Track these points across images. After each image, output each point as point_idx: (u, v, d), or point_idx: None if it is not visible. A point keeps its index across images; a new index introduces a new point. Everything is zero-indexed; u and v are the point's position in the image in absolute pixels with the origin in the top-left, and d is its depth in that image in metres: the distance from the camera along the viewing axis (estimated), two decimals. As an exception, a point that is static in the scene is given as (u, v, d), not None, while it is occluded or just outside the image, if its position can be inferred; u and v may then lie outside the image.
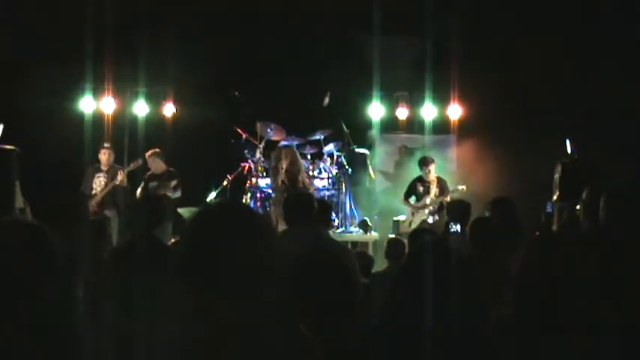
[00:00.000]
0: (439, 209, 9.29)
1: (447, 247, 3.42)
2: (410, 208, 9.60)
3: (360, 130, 10.86)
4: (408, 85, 10.94)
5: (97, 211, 9.08)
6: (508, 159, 10.03)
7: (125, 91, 11.18)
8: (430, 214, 9.40)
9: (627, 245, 3.47)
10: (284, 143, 10.15)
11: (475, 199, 8.36)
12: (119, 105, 11.11)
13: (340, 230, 9.89)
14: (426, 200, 9.43)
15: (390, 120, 11.32)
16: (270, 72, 10.73)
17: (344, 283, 2.69)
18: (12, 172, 7.94)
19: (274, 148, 10.21)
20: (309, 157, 10.33)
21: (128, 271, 4.07)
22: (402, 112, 11.27)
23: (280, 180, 9.18)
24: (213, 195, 9.99)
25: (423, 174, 9.51)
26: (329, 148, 10.30)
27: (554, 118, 9.63)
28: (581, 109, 9.69)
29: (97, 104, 10.96)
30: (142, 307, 3.30)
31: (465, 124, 10.99)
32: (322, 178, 10.16)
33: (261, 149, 10.22)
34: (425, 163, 9.50)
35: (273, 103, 10.52)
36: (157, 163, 9.60)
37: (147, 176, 9.60)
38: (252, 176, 10.10)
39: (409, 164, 10.61)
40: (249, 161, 10.19)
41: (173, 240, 6.90)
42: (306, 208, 5.01)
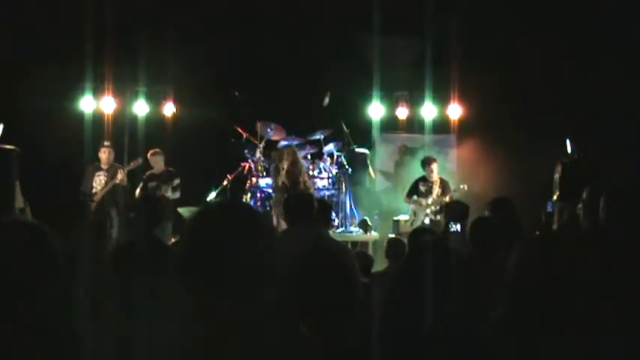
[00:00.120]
0: (440, 210, 9.29)
1: (447, 247, 3.42)
2: (412, 205, 9.59)
3: (360, 130, 10.86)
4: (408, 84, 10.94)
5: (97, 209, 9.09)
6: (508, 159, 10.03)
7: (125, 90, 11.19)
8: (432, 214, 9.39)
9: (627, 245, 3.47)
10: (284, 143, 10.15)
11: (475, 199, 8.36)
12: (119, 105, 11.12)
13: (340, 230, 9.88)
14: (428, 200, 9.43)
15: (390, 120, 11.32)
16: (270, 72, 10.73)
17: (344, 283, 2.69)
18: (12, 172, 7.95)
19: (274, 147, 10.22)
20: (309, 157, 10.33)
21: (128, 271, 4.07)
22: (402, 112, 11.28)
23: (281, 180, 9.18)
24: (213, 195, 9.99)
25: (426, 174, 9.52)
26: (329, 148, 10.30)
27: (554, 118, 9.63)
28: (581, 109, 9.69)
29: (97, 104, 10.96)
30: (142, 307, 3.30)
31: (465, 123, 10.99)
32: (322, 178, 10.16)
33: (261, 149, 10.22)
34: (427, 162, 9.51)
35: (273, 103, 10.52)
36: (159, 163, 9.63)
37: (146, 176, 9.62)
38: (253, 176, 10.10)
39: (409, 164, 10.61)
40: (250, 161, 10.19)
41: (173, 240, 6.91)
42: (306, 208, 5.01)
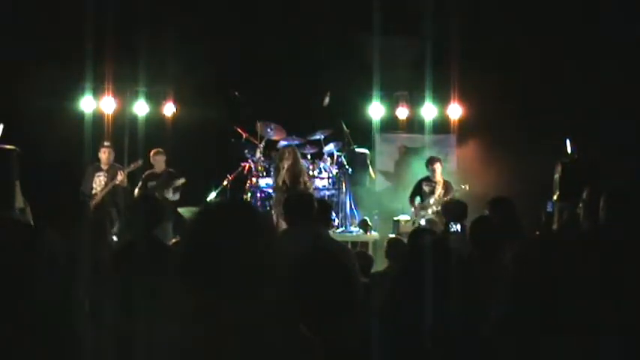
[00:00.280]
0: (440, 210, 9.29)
1: (447, 247, 3.43)
2: (414, 210, 9.58)
3: (360, 130, 10.86)
4: (408, 85, 10.94)
5: (97, 209, 9.08)
6: (508, 159, 10.02)
7: (125, 90, 11.18)
8: (432, 214, 9.39)
9: (627, 245, 3.47)
10: (284, 143, 10.15)
11: (475, 199, 8.36)
12: (119, 105, 11.11)
13: (340, 230, 9.88)
14: (430, 200, 9.43)
15: (390, 120, 11.32)
16: (270, 72, 10.73)
17: (344, 283, 2.69)
18: (12, 172, 7.94)
19: (274, 147, 10.22)
20: (309, 157, 10.33)
21: (128, 271, 4.07)
22: (402, 112, 11.27)
23: (281, 180, 9.18)
24: (213, 195, 9.98)
25: (430, 173, 9.52)
26: (329, 148, 10.29)
27: (554, 118, 9.63)
28: (581, 109, 9.69)
29: (97, 104, 10.96)
30: (142, 307, 3.30)
31: (465, 123, 10.99)
32: (322, 178, 10.15)
33: (261, 149, 10.22)
34: (431, 162, 9.54)
35: (273, 103, 10.52)
36: (160, 162, 9.62)
37: (145, 175, 9.61)
38: (253, 176, 10.10)
39: (409, 164, 10.61)
40: (250, 161, 10.19)
41: (174, 240, 6.90)
42: (306, 208, 5.00)
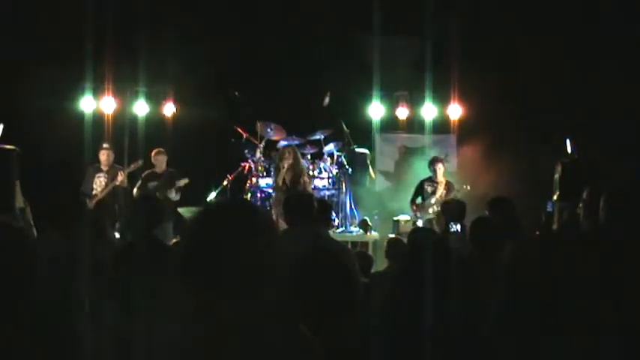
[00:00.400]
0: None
1: (447, 247, 3.43)
2: (415, 211, 9.57)
3: (360, 130, 10.86)
4: (408, 85, 10.94)
5: (97, 210, 9.07)
6: (508, 159, 10.03)
7: (125, 91, 11.18)
8: (434, 214, 9.38)
9: (627, 245, 3.47)
10: (284, 143, 10.15)
11: (475, 199, 8.37)
12: (119, 105, 11.11)
13: (340, 230, 9.88)
14: (431, 200, 9.43)
15: (390, 120, 11.32)
16: (270, 72, 10.73)
17: (344, 283, 2.69)
18: (12, 172, 7.94)
19: (274, 147, 10.22)
20: (309, 157, 10.33)
21: (128, 272, 4.07)
22: (402, 112, 11.27)
23: (281, 179, 9.18)
24: (213, 195, 9.98)
25: (432, 174, 9.53)
26: (329, 148, 10.29)
27: (554, 118, 9.63)
28: (581, 109, 9.69)
29: (97, 104, 10.95)
30: (142, 307, 3.30)
31: (465, 123, 10.99)
32: (322, 178, 10.15)
33: (261, 149, 10.22)
34: (432, 162, 9.55)
35: (273, 103, 10.52)
36: (161, 162, 9.60)
37: (145, 174, 9.58)
38: (253, 176, 10.10)
39: (410, 164, 10.61)
40: (250, 161, 10.19)
41: (174, 240, 6.90)
42: (306, 208, 5.00)
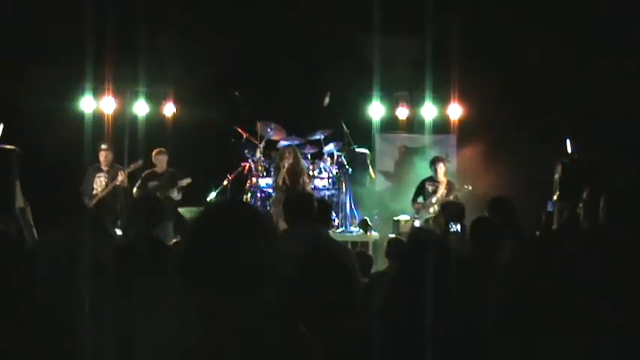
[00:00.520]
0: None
1: (447, 247, 3.42)
2: (416, 208, 9.58)
3: (360, 130, 10.86)
4: (408, 85, 10.94)
5: (98, 210, 9.07)
6: (508, 159, 10.02)
7: (125, 91, 11.18)
8: (435, 213, 9.38)
9: (627, 245, 3.47)
10: (284, 143, 10.15)
11: (475, 199, 8.37)
12: (119, 105, 11.11)
13: (340, 230, 9.88)
14: (432, 199, 9.43)
15: (390, 120, 11.32)
16: (270, 72, 10.73)
17: (344, 283, 2.69)
18: (12, 172, 7.94)
19: (274, 147, 10.22)
20: (309, 157, 10.33)
21: (128, 271, 4.07)
22: (402, 112, 11.27)
23: (281, 179, 9.18)
24: (213, 195, 9.98)
25: (433, 173, 9.54)
26: (329, 148, 10.29)
27: (554, 118, 9.63)
28: (581, 109, 9.69)
29: (97, 104, 10.95)
30: (142, 307, 3.30)
31: (465, 123, 10.99)
32: (322, 178, 10.16)
33: (261, 149, 10.21)
34: (434, 161, 9.58)
35: (273, 103, 10.52)
36: (162, 162, 9.59)
37: (145, 174, 9.57)
38: (253, 176, 10.10)
39: (409, 164, 10.61)
40: (250, 161, 10.18)
41: (174, 240, 6.90)
42: (306, 208, 5.00)
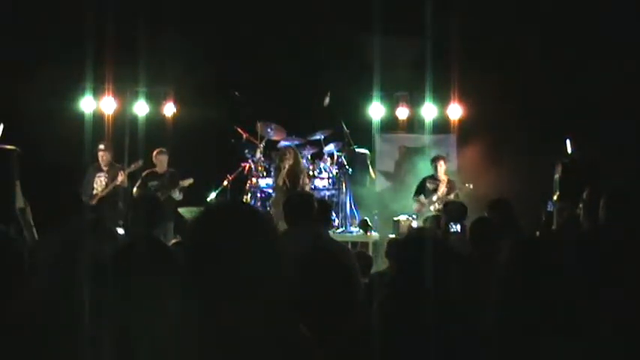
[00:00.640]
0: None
1: (447, 247, 3.42)
2: (418, 205, 9.59)
3: (360, 130, 10.86)
4: (408, 85, 10.94)
5: (98, 210, 9.08)
6: (508, 159, 10.03)
7: (125, 91, 11.18)
8: (435, 211, 9.39)
9: (627, 245, 3.47)
10: (284, 143, 10.15)
11: (475, 199, 8.37)
12: (119, 105, 11.11)
13: (340, 230, 9.88)
14: (432, 198, 9.44)
15: (390, 120, 11.32)
16: (270, 72, 10.72)
17: (344, 283, 2.69)
18: (12, 172, 7.93)
19: (274, 148, 10.22)
20: (309, 157, 10.33)
21: (128, 271, 4.07)
22: (402, 112, 11.27)
23: (282, 180, 9.17)
24: (213, 195, 9.98)
25: (434, 170, 9.57)
26: (329, 148, 10.29)
27: (554, 118, 9.64)
28: (581, 109, 9.69)
29: (97, 104, 10.96)
30: (142, 307, 3.30)
31: (465, 124, 10.99)
32: (322, 178, 10.16)
33: (261, 149, 10.21)
34: (434, 159, 9.64)
35: (273, 103, 10.52)
36: (163, 162, 9.59)
37: (145, 174, 9.55)
38: (253, 176, 10.09)
39: (409, 164, 10.61)
40: (250, 161, 10.18)
41: (174, 240, 6.90)
42: (306, 208, 5.00)
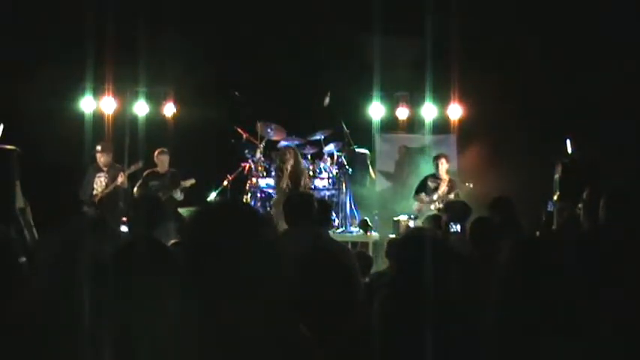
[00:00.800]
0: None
1: (447, 247, 3.42)
2: (418, 203, 9.60)
3: (360, 130, 10.86)
4: (408, 85, 10.94)
5: (98, 210, 9.08)
6: (508, 159, 10.03)
7: (125, 91, 11.18)
8: (436, 210, 9.39)
9: (627, 245, 3.47)
10: (284, 143, 10.15)
11: (475, 199, 8.36)
12: (119, 105, 11.11)
13: (340, 230, 9.87)
14: (433, 196, 9.45)
15: (390, 120, 11.33)
16: (270, 72, 10.73)
17: (344, 283, 2.69)
18: (12, 172, 7.94)
19: (274, 148, 10.22)
20: (309, 157, 10.33)
21: (128, 271, 4.06)
22: (402, 112, 11.28)
23: (285, 182, 9.16)
24: (213, 195, 9.98)
25: (435, 169, 9.58)
26: (329, 148, 10.29)
27: (554, 118, 9.64)
28: (581, 109, 9.69)
29: (97, 104, 10.96)
30: (142, 307, 3.30)
31: (465, 124, 11.00)
32: (322, 178, 10.16)
33: (261, 149, 10.21)
34: (436, 158, 9.65)
35: (273, 103, 10.52)
36: (164, 162, 9.59)
37: (146, 174, 9.56)
38: (253, 176, 10.09)
39: (409, 164, 10.61)
40: (250, 161, 10.18)
41: (173, 241, 6.89)
42: (306, 208, 5.00)
